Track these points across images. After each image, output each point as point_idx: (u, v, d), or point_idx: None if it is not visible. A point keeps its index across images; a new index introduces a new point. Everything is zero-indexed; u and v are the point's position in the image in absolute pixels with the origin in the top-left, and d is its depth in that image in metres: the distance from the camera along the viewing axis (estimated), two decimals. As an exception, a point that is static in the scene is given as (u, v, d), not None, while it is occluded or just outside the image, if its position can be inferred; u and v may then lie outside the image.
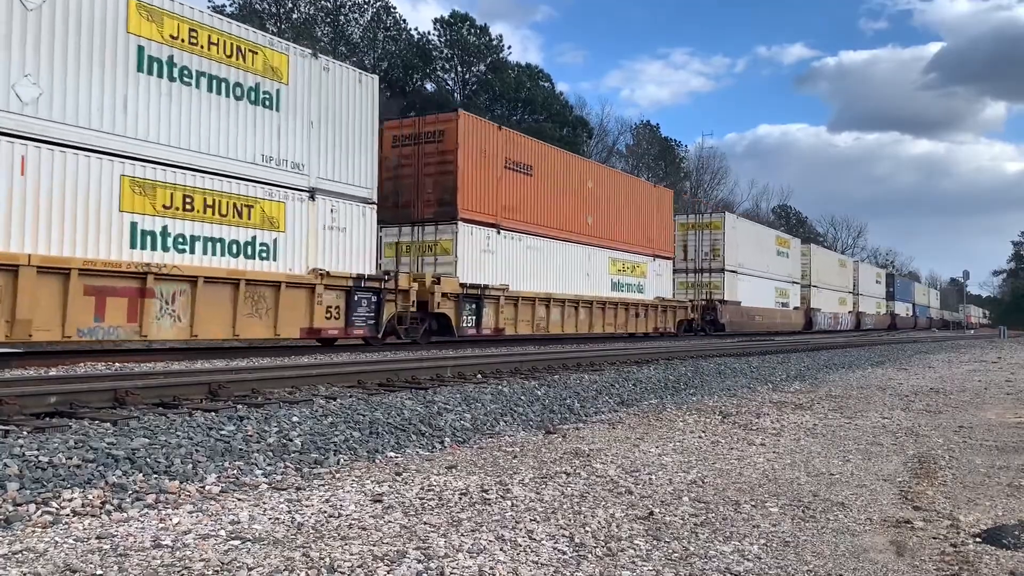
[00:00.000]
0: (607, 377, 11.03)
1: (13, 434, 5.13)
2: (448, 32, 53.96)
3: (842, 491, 5.12)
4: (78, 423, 5.67)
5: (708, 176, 75.79)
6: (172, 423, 5.74)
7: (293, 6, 46.80)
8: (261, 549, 3.57)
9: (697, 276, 34.23)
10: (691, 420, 8.34)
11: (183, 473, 4.83)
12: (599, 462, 5.84)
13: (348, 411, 6.81)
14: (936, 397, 11.39)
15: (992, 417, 9.20)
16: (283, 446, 5.63)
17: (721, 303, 33.68)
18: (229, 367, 10.32)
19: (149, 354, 13.38)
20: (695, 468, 5.73)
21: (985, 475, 5.76)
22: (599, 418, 8.42)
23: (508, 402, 8.32)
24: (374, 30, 51.05)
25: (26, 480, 4.30)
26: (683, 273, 34.06)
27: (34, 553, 3.42)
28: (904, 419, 8.83)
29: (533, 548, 3.72)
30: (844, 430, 7.85)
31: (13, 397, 5.91)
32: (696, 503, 4.68)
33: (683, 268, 34.11)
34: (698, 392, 11.21)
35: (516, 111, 53.00)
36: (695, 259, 34.73)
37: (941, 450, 6.80)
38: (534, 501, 4.61)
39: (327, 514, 4.21)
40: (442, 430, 6.85)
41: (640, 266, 27.74)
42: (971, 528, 4.29)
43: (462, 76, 55.01)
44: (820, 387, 12.68)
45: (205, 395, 7.24)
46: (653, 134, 70.32)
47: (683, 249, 34.37)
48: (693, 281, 33.80)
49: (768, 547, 3.87)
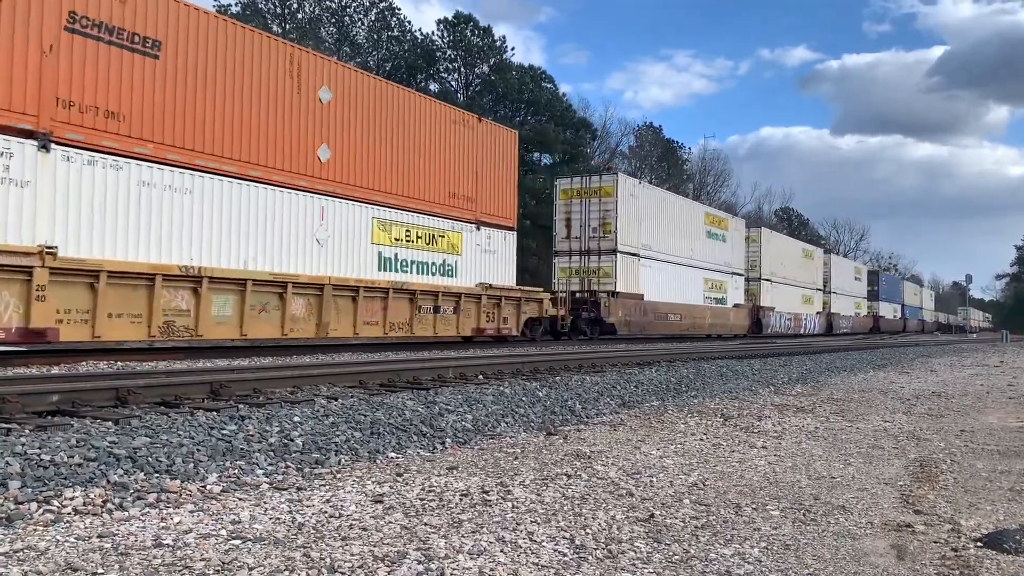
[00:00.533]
0: (609, 379, 11.02)
1: (15, 432, 5.14)
2: (452, 33, 53.93)
3: (843, 494, 5.11)
4: (80, 422, 5.68)
5: (711, 178, 75.75)
6: (174, 422, 5.74)
7: (298, 6, 46.84)
8: (262, 549, 3.58)
9: (583, 260, 26.44)
10: (692, 422, 8.33)
11: (184, 472, 4.84)
12: (600, 464, 5.84)
13: (349, 411, 6.81)
14: (938, 401, 11.38)
15: (994, 421, 9.18)
16: (284, 446, 5.64)
17: (612, 296, 25.62)
18: (231, 366, 10.33)
19: (151, 353, 13.40)
20: (696, 470, 5.73)
21: (987, 479, 5.75)
22: (600, 420, 8.42)
23: (510, 403, 8.32)
24: (378, 31, 51.10)
25: (28, 478, 4.31)
26: (566, 256, 26.73)
27: (35, 551, 3.43)
28: (906, 423, 8.82)
29: (534, 550, 3.72)
30: (845, 433, 7.85)
31: (15, 395, 5.92)
32: (697, 505, 4.68)
33: (566, 249, 26.70)
34: (700, 394, 11.20)
35: (519, 112, 53.00)
36: (581, 237, 26.62)
37: (942, 454, 6.79)
38: (535, 503, 4.61)
39: (328, 514, 4.21)
40: (443, 431, 6.85)
41: (447, 236, 19.38)
42: (972, 532, 4.28)
43: (466, 77, 55.01)
44: (822, 390, 12.66)
45: (207, 394, 7.24)
46: (656, 136, 70.24)
47: (566, 224, 26.83)
48: (578, 267, 26.42)
49: (769, 550, 3.86)
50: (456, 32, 53.80)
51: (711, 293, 33.20)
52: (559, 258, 27.08)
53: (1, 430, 5.13)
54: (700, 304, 31.88)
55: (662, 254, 29.10)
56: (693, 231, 31.78)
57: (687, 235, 31.14)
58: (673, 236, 29.93)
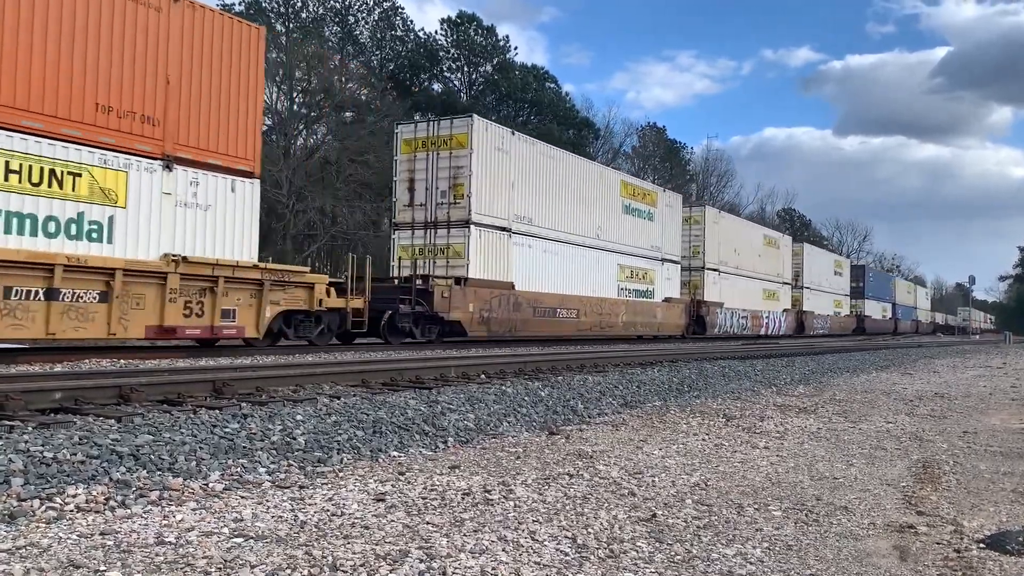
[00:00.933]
0: (611, 378, 11.02)
1: (18, 430, 5.14)
2: (455, 33, 53.96)
3: (845, 495, 5.11)
4: (83, 419, 5.69)
5: (715, 178, 75.66)
6: (176, 420, 5.75)
7: (302, 5, 46.86)
8: (264, 547, 3.58)
9: (429, 235, 19.86)
10: (695, 422, 8.33)
11: (187, 470, 4.84)
12: (602, 464, 5.84)
13: (352, 410, 6.81)
14: (940, 402, 11.36)
15: (997, 423, 9.17)
16: (287, 444, 5.64)
17: (459, 283, 18.84)
18: (233, 365, 10.34)
19: (154, 351, 13.41)
20: (698, 471, 5.73)
21: (989, 480, 5.74)
22: (602, 420, 8.41)
23: (512, 403, 8.32)
24: (382, 30, 51.13)
25: (30, 476, 4.32)
26: (409, 230, 20.24)
27: (38, 549, 3.43)
28: (908, 424, 8.81)
29: (535, 549, 3.72)
30: (848, 434, 7.84)
31: (18, 393, 5.93)
32: (699, 505, 4.68)
33: (408, 221, 20.23)
34: (702, 394, 11.19)
35: (523, 112, 53.01)
36: (427, 204, 19.92)
37: (945, 455, 6.78)
38: (537, 502, 4.61)
39: (330, 513, 4.21)
40: (445, 430, 6.86)
41: (90, 175, 11.76)
42: (975, 533, 4.27)
43: (469, 76, 55.03)
44: (824, 391, 12.65)
45: (209, 393, 7.25)
46: (659, 136, 70.19)
47: (409, 186, 20.20)
48: (422, 244, 19.94)
49: (771, 550, 3.86)
50: (459, 32, 53.83)
51: (630, 284, 26.33)
52: (400, 232, 20.32)
53: (4, 427, 5.14)
54: (612, 298, 25.18)
55: (549, 230, 22.25)
56: (603, 204, 24.91)
57: (593, 208, 24.33)
58: (569, 208, 23.24)
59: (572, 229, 23.44)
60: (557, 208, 22.78)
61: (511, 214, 20.86)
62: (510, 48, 55.96)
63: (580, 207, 23.83)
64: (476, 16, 54.87)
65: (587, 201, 24.18)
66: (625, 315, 25.80)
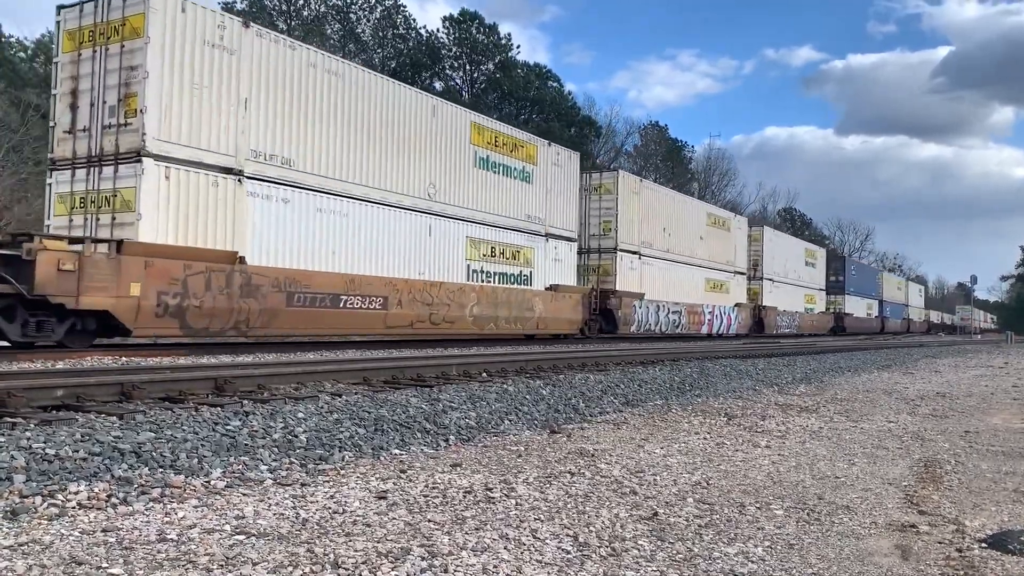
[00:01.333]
0: (612, 377, 11.02)
1: (20, 427, 5.14)
2: (457, 31, 53.92)
3: (847, 494, 5.10)
4: (85, 416, 5.68)
5: (716, 178, 75.59)
6: (178, 418, 5.75)
7: (304, 3, 46.88)
8: (265, 544, 3.58)
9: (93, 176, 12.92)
10: (696, 421, 8.32)
11: (188, 468, 4.85)
12: (604, 462, 5.84)
13: (353, 408, 6.81)
14: (942, 402, 11.36)
15: (998, 422, 9.16)
16: (288, 442, 5.64)
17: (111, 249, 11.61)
18: (235, 362, 10.34)
19: (156, 348, 13.42)
20: (700, 469, 5.72)
21: (991, 480, 5.74)
22: (604, 418, 8.42)
23: (513, 401, 8.32)
24: (384, 28, 51.11)
25: (32, 473, 4.32)
26: (68, 169, 13.37)
27: (40, 545, 3.44)
28: (910, 423, 8.80)
29: (537, 547, 3.72)
30: (850, 433, 7.83)
31: (20, 390, 5.93)
32: (700, 504, 4.68)
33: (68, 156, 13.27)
34: (703, 393, 11.19)
35: (524, 110, 52.98)
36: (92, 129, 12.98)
37: (947, 455, 6.78)
38: (538, 500, 4.61)
39: (331, 510, 4.21)
40: (447, 428, 6.86)
41: None
42: (976, 533, 4.27)
43: (471, 75, 54.99)
44: (826, 390, 12.65)
45: (211, 390, 7.25)
46: (661, 135, 70.15)
47: (71, 102, 13.44)
48: (83, 192, 13.34)
49: (772, 549, 3.86)
50: (461, 30, 53.80)
51: (489, 265, 20.10)
52: (58, 174, 13.42)
53: (6, 424, 5.14)
54: (455, 282, 18.71)
55: (328, 180, 15.53)
56: (442, 152, 18.59)
57: (424, 157, 18.01)
58: (373, 152, 16.63)
59: (378, 183, 16.66)
60: (347, 150, 15.95)
61: (244, 148, 13.87)
62: (512, 46, 55.94)
63: (396, 152, 17.15)
64: (478, 14, 54.87)
65: (410, 145, 17.56)
66: (478, 307, 19.29)
